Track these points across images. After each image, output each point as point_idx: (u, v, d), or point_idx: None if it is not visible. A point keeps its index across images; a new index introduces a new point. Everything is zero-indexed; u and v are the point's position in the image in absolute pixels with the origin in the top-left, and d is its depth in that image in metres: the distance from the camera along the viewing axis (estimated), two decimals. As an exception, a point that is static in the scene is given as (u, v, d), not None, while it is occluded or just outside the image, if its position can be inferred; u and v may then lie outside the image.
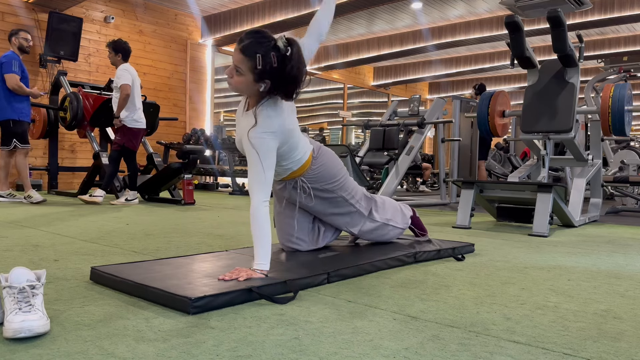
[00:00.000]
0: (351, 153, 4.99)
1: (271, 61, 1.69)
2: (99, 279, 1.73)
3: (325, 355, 1.11)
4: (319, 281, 1.77)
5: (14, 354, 1.08)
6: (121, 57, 5.13)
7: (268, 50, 1.68)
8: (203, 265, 1.89)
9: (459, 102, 6.51)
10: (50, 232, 2.98)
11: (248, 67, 1.70)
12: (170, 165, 5.33)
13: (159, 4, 8.48)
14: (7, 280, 1.24)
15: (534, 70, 4.24)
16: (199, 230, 3.26)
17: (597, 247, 2.95)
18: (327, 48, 11.08)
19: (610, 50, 9.77)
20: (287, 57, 1.70)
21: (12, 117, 4.93)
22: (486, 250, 2.69)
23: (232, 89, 1.79)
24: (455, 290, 1.76)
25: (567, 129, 3.97)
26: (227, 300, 1.48)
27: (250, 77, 1.72)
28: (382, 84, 13.30)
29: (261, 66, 1.68)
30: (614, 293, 1.79)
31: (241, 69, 1.72)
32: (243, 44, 1.70)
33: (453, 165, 6.47)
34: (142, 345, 1.15)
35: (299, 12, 7.60)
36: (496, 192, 3.84)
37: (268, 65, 1.69)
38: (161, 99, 8.35)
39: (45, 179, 6.94)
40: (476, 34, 8.96)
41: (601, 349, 1.20)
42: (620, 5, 7.50)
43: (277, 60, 1.69)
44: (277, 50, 1.69)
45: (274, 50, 1.69)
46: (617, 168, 6.27)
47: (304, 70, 1.77)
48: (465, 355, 1.14)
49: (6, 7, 6.90)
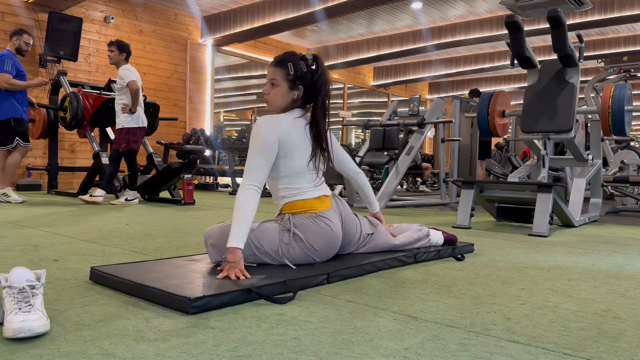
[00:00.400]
0: (351, 153, 4.98)
1: (301, 67, 1.92)
2: (99, 279, 1.73)
3: (325, 355, 1.11)
4: (319, 281, 1.77)
5: (14, 354, 1.08)
6: (125, 57, 5.11)
7: (297, 60, 1.93)
8: (203, 265, 1.89)
9: (459, 102, 6.51)
10: (50, 232, 2.98)
11: (282, 76, 1.92)
12: (170, 165, 5.33)
13: (159, 4, 8.48)
14: (7, 280, 1.24)
15: (534, 70, 4.24)
16: (199, 230, 3.26)
17: (597, 247, 2.95)
18: (327, 48, 11.08)
19: (610, 50, 9.77)
20: (315, 68, 1.95)
21: (12, 116, 4.93)
22: (486, 250, 2.69)
23: (269, 106, 1.98)
24: (455, 290, 1.76)
25: (567, 129, 3.97)
26: (227, 300, 1.48)
27: (285, 86, 1.93)
28: (382, 84, 13.30)
29: (293, 72, 1.91)
30: (614, 293, 1.79)
31: (276, 81, 1.93)
32: (276, 59, 1.95)
33: (453, 165, 6.47)
34: (142, 345, 1.15)
35: (298, 12, 7.60)
36: (496, 192, 3.84)
37: (299, 72, 1.92)
38: (161, 99, 8.35)
39: (45, 179, 6.94)
40: (476, 34, 8.96)
41: (601, 349, 1.20)
42: (620, 5, 7.50)
43: (307, 66, 1.93)
44: (305, 60, 1.95)
45: (302, 60, 1.94)
46: (617, 168, 6.27)
47: (329, 81, 1.98)
48: (465, 355, 1.14)
49: (6, 7, 6.89)
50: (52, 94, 6.49)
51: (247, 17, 8.39)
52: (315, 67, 1.95)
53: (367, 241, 2.18)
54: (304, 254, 1.89)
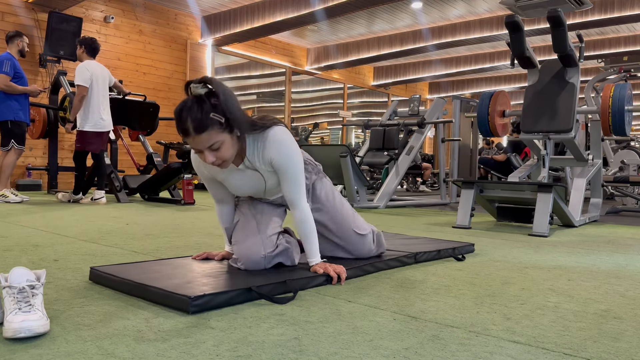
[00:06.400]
0: (351, 153, 4.99)
1: (216, 105, 1.56)
2: (99, 279, 1.73)
3: (325, 355, 1.11)
4: (319, 281, 1.77)
5: (14, 354, 1.08)
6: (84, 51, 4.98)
7: (204, 104, 1.55)
8: (203, 265, 1.89)
9: (459, 102, 6.52)
10: (50, 232, 2.98)
11: (218, 132, 1.57)
12: (170, 165, 5.33)
13: (159, 4, 8.48)
14: (7, 280, 1.24)
15: (534, 70, 4.24)
16: (199, 230, 3.26)
17: (597, 247, 2.95)
18: (327, 48, 11.07)
19: (610, 50, 9.77)
20: (215, 92, 1.57)
21: (9, 118, 4.92)
22: (486, 250, 2.69)
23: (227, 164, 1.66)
24: (455, 290, 1.76)
25: (567, 129, 3.97)
26: (227, 299, 1.48)
27: (227, 136, 1.60)
28: (382, 84, 13.30)
29: (221, 115, 1.56)
30: (614, 293, 1.79)
31: (217, 142, 1.58)
32: (193, 126, 1.54)
33: (453, 165, 6.47)
34: (142, 345, 1.15)
35: (298, 12, 7.60)
36: (496, 192, 3.84)
37: (220, 111, 1.56)
38: (161, 99, 8.35)
39: (45, 179, 6.94)
40: (476, 33, 8.96)
41: (601, 349, 1.20)
42: (620, 5, 7.50)
43: (215, 99, 1.56)
44: (206, 97, 1.56)
45: (205, 101, 1.55)
46: (617, 168, 6.28)
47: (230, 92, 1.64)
48: (465, 355, 1.14)
49: (6, 7, 6.89)
50: (52, 94, 6.49)
51: (247, 17, 8.39)
52: (218, 93, 1.57)
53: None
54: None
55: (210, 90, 1.57)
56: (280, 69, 10.91)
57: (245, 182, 1.82)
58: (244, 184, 1.82)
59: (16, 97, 4.97)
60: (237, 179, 1.81)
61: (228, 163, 1.67)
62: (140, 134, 6.42)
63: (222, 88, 1.60)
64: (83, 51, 5.00)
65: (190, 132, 1.55)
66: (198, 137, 1.56)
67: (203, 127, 1.54)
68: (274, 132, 1.72)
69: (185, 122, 1.55)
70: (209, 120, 1.55)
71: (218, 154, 1.61)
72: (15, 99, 4.97)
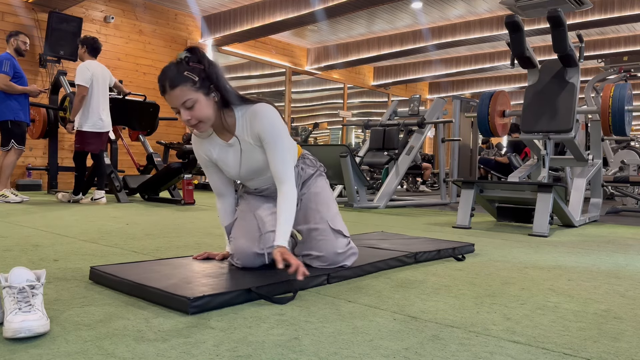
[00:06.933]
0: (351, 153, 4.99)
1: (193, 67, 1.66)
2: (99, 279, 1.73)
3: (325, 355, 1.11)
4: (319, 281, 1.77)
5: (14, 354, 1.08)
6: (86, 51, 4.96)
7: (180, 65, 1.66)
8: (203, 265, 1.89)
9: (459, 102, 6.51)
10: (50, 232, 2.98)
11: (191, 91, 1.65)
12: (170, 165, 5.33)
13: (159, 4, 8.48)
14: (7, 280, 1.24)
15: (534, 70, 4.24)
16: (199, 230, 3.26)
17: (597, 247, 2.95)
18: (327, 48, 11.07)
19: (610, 50, 9.77)
20: (197, 59, 1.68)
21: (9, 118, 4.92)
22: (486, 250, 2.69)
23: (204, 126, 1.71)
24: (455, 290, 1.76)
25: (567, 129, 3.97)
26: (226, 300, 1.48)
27: (201, 96, 1.67)
28: (382, 84, 13.30)
29: (196, 75, 1.65)
30: (614, 293, 1.79)
31: (189, 99, 1.65)
32: (168, 83, 1.65)
33: (453, 165, 6.47)
34: (142, 345, 1.15)
35: (298, 12, 7.60)
36: (496, 192, 3.84)
37: (196, 72, 1.66)
38: (161, 99, 8.30)
39: (45, 178, 6.94)
40: (476, 33, 8.96)
41: (601, 349, 1.20)
42: (620, 5, 7.50)
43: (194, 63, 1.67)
44: (186, 60, 1.67)
45: (182, 62, 1.67)
46: (617, 168, 6.27)
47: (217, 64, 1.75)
48: (465, 355, 1.14)
49: (6, 7, 6.89)
50: (52, 94, 6.48)
51: (247, 17, 8.39)
52: (201, 59, 1.69)
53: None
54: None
55: (191, 55, 1.69)
56: (280, 69, 10.91)
57: (237, 158, 1.83)
58: (236, 161, 1.84)
59: (16, 97, 4.97)
60: (230, 157, 1.84)
61: (205, 126, 1.72)
62: (140, 134, 6.42)
63: (207, 57, 1.72)
64: (85, 51, 4.99)
65: (166, 88, 1.66)
66: (172, 92, 1.66)
67: (175, 83, 1.64)
68: (261, 106, 1.78)
69: (162, 80, 1.67)
70: (182, 77, 1.65)
71: (192, 112, 1.67)
72: (15, 99, 4.97)
